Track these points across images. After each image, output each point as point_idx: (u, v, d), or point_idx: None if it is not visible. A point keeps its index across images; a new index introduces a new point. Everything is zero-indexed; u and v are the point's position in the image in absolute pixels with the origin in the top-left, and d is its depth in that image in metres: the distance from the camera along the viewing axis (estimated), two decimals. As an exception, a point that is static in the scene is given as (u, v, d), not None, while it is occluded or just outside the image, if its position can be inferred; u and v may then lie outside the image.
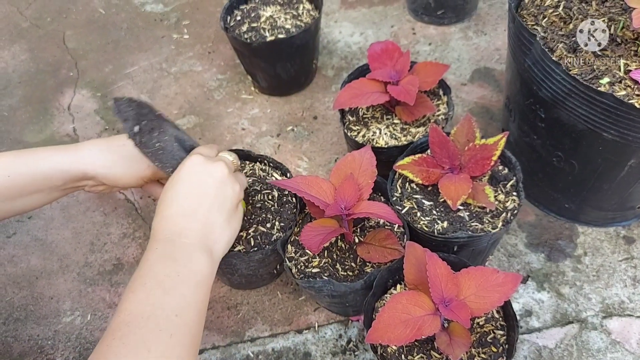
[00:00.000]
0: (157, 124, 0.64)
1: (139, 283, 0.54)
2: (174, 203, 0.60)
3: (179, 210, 0.59)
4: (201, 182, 0.61)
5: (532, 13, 0.76)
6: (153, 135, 0.63)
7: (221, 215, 0.62)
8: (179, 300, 0.54)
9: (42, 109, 1.15)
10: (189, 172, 0.62)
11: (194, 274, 0.56)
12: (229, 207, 0.63)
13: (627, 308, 0.76)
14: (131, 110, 0.62)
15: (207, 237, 0.60)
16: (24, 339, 0.82)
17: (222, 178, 0.63)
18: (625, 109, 0.61)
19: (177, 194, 0.60)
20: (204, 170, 0.62)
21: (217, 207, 0.61)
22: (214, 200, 0.61)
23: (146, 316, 0.51)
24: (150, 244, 0.58)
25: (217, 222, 0.61)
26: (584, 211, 0.82)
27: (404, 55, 0.83)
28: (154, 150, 0.63)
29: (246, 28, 1.01)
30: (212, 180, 0.62)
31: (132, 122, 0.62)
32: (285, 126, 1.05)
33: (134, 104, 0.63)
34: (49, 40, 1.30)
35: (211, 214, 0.61)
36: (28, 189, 0.67)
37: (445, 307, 0.58)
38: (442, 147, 0.71)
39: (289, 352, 0.77)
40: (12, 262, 0.91)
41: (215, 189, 0.62)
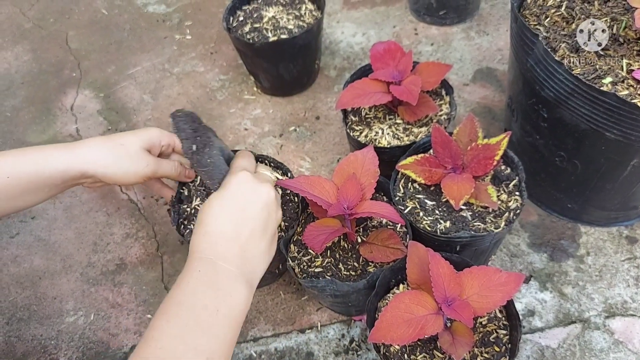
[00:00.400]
0: (207, 138, 0.63)
1: (175, 311, 0.52)
2: (218, 221, 0.58)
3: (222, 230, 0.58)
4: (248, 204, 0.60)
5: (534, 13, 0.76)
6: (205, 151, 0.62)
7: (263, 241, 0.60)
8: (213, 341, 0.52)
9: (44, 109, 1.15)
10: (236, 190, 0.60)
11: (232, 310, 0.54)
12: (271, 232, 0.62)
13: (630, 308, 0.76)
14: (188, 126, 0.61)
15: (247, 265, 0.58)
16: (27, 338, 0.82)
17: (269, 202, 0.61)
18: (627, 108, 0.61)
19: (223, 212, 0.59)
20: (252, 192, 0.60)
21: (259, 231, 0.60)
22: (258, 224, 0.60)
23: (177, 357, 0.49)
24: (191, 263, 0.56)
25: (258, 248, 0.60)
26: (587, 211, 0.82)
27: (407, 56, 0.83)
28: (208, 168, 0.62)
29: (249, 28, 1.01)
30: (259, 203, 0.60)
31: (190, 141, 0.61)
32: (288, 126, 1.05)
33: (189, 118, 0.62)
34: (52, 40, 1.31)
35: (253, 239, 0.59)
36: (28, 189, 0.66)
37: (448, 307, 0.58)
38: (444, 147, 0.71)
39: (291, 352, 0.77)
40: (16, 262, 0.91)
41: (260, 213, 0.60)
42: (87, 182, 0.72)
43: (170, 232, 0.92)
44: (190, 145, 0.60)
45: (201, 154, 0.61)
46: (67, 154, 0.67)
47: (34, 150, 0.67)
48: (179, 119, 0.60)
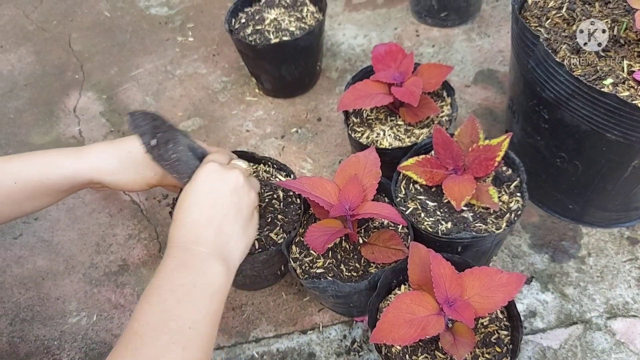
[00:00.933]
0: (171, 135, 0.64)
1: (154, 292, 0.54)
2: (190, 211, 0.60)
3: (195, 218, 0.59)
4: (216, 190, 0.61)
5: (535, 15, 0.76)
6: (168, 147, 0.63)
7: (237, 223, 0.62)
8: (193, 312, 0.54)
9: (48, 111, 1.16)
10: (205, 180, 0.62)
11: (209, 284, 0.56)
12: (245, 214, 0.63)
13: (631, 309, 0.76)
14: (146, 123, 0.62)
15: (223, 246, 0.60)
16: (30, 339, 0.83)
17: (238, 185, 0.63)
18: (628, 109, 0.62)
19: (193, 202, 0.60)
20: (219, 178, 0.62)
21: (232, 215, 0.61)
22: (230, 208, 0.61)
23: (159, 328, 0.51)
24: (167, 251, 0.58)
25: (233, 230, 0.61)
26: (588, 212, 0.82)
27: (408, 57, 0.83)
28: (171, 162, 0.64)
29: (250, 30, 1.02)
30: (228, 187, 0.62)
31: (148, 136, 0.62)
32: (290, 128, 1.06)
33: (148, 116, 0.63)
34: (55, 43, 1.31)
35: (227, 222, 0.61)
36: (34, 194, 0.67)
37: (450, 307, 0.58)
38: (446, 148, 0.71)
39: (293, 353, 0.77)
40: (19, 263, 0.92)
41: (231, 197, 0.62)
42: (94, 186, 0.72)
43: (172, 233, 0.93)
44: (149, 140, 0.62)
45: (163, 149, 0.63)
46: (74, 161, 0.67)
47: (41, 156, 0.67)
48: (136, 117, 0.62)
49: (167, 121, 0.66)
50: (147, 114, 0.63)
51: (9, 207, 0.66)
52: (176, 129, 0.66)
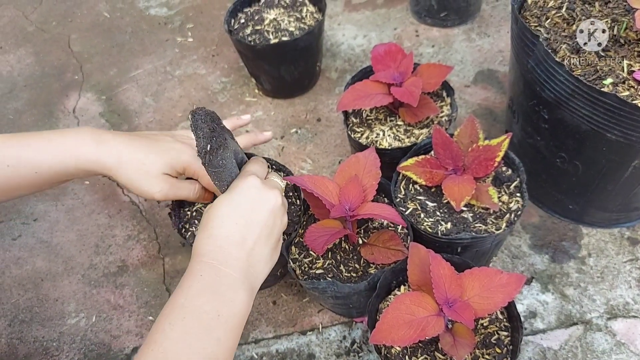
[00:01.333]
0: (223, 139, 0.61)
1: (177, 313, 0.52)
2: (224, 225, 0.57)
3: (227, 232, 0.57)
4: (255, 209, 0.59)
5: (535, 14, 0.76)
6: (219, 152, 0.60)
7: (267, 247, 0.60)
8: (214, 344, 0.52)
9: (47, 112, 1.16)
10: (245, 194, 0.59)
11: (234, 315, 0.54)
12: (276, 238, 0.61)
13: (632, 309, 0.76)
14: (206, 125, 0.59)
15: (251, 270, 0.58)
16: (29, 340, 0.82)
17: (276, 207, 0.60)
18: (628, 109, 0.61)
19: (229, 216, 0.58)
20: (259, 197, 0.60)
21: (264, 238, 0.59)
22: (264, 230, 0.59)
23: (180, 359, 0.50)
24: (194, 264, 0.56)
25: (263, 254, 0.59)
26: (588, 212, 0.82)
27: (407, 57, 0.83)
28: (218, 169, 0.61)
29: (250, 31, 1.01)
30: (266, 208, 0.60)
31: (205, 140, 0.59)
32: (289, 128, 1.05)
33: (209, 117, 0.60)
34: (54, 43, 1.31)
35: (259, 244, 0.59)
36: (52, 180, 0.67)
37: (449, 308, 0.58)
38: (445, 148, 0.71)
39: (293, 354, 0.77)
40: (18, 264, 0.92)
41: (267, 218, 0.59)
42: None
43: (171, 234, 0.93)
44: (206, 144, 0.59)
45: (214, 155, 0.60)
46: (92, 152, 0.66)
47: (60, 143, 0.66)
48: (198, 117, 0.59)
49: (221, 122, 0.63)
50: (208, 114, 0.60)
51: (26, 190, 0.68)
52: (226, 130, 0.64)
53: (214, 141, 0.59)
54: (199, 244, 0.57)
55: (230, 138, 0.64)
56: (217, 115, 0.62)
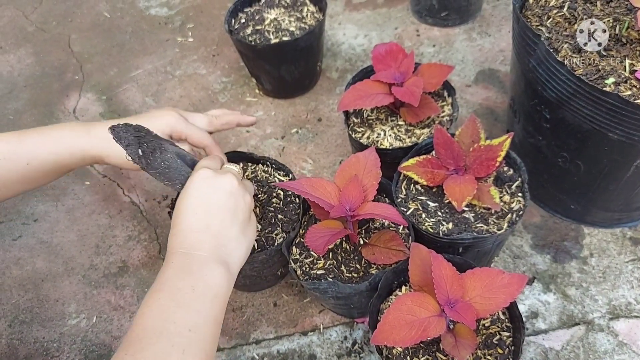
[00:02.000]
0: (157, 143, 0.64)
1: (154, 297, 0.54)
2: (186, 218, 0.60)
3: (191, 224, 0.59)
4: (211, 196, 0.61)
5: (536, 14, 0.76)
6: (156, 155, 0.63)
7: (234, 227, 0.62)
8: (193, 315, 0.53)
9: (47, 112, 1.16)
10: (198, 186, 0.62)
11: (209, 287, 0.56)
12: (242, 217, 0.63)
13: (634, 309, 0.76)
14: (130, 135, 0.62)
15: (221, 249, 0.60)
16: (29, 341, 0.82)
17: (232, 190, 0.62)
18: (630, 108, 0.61)
19: (188, 208, 0.60)
20: (212, 184, 0.62)
21: (229, 219, 0.61)
22: (226, 212, 0.61)
23: (158, 331, 0.51)
24: (167, 259, 0.58)
25: (231, 233, 0.61)
26: (590, 212, 0.82)
27: (408, 57, 0.83)
28: (161, 169, 0.63)
29: (250, 31, 1.01)
30: (222, 192, 0.62)
31: (134, 147, 0.61)
32: (290, 128, 1.05)
33: (130, 127, 0.62)
34: (55, 43, 1.31)
35: (224, 226, 0.61)
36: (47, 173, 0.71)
37: (451, 309, 0.57)
38: (446, 148, 0.71)
39: (294, 354, 0.77)
40: (18, 265, 0.91)
41: (226, 201, 0.62)
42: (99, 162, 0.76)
43: (172, 234, 0.92)
44: (136, 150, 0.61)
45: (151, 158, 0.62)
46: (85, 141, 0.70)
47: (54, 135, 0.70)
48: (118, 129, 0.61)
49: (151, 132, 0.65)
50: (129, 125, 0.62)
51: (22, 185, 0.71)
52: (162, 138, 0.66)
53: (145, 146, 0.61)
54: (169, 243, 0.60)
55: (168, 143, 0.66)
56: (145, 127, 0.64)
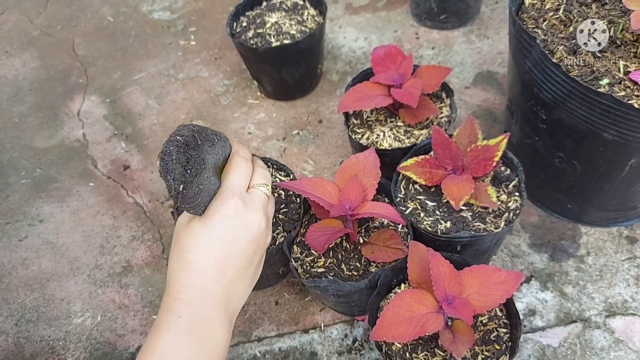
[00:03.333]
0: (200, 163, 0.53)
1: None
2: (201, 258, 0.53)
3: (205, 268, 0.53)
4: (235, 240, 0.54)
5: (532, 16, 0.77)
6: (194, 182, 0.52)
7: (246, 277, 0.56)
8: None
9: (52, 115, 1.17)
10: (225, 225, 0.54)
11: (213, 355, 0.52)
12: (256, 263, 0.58)
13: (630, 307, 0.77)
14: (179, 165, 0.51)
15: (229, 305, 0.55)
16: (35, 339, 0.84)
17: (258, 234, 0.56)
18: (624, 109, 0.62)
19: (207, 248, 0.53)
20: (240, 226, 0.54)
21: (244, 268, 0.55)
22: (244, 259, 0.55)
23: None
24: (170, 303, 0.52)
25: (242, 285, 0.56)
26: (587, 211, 0.83)
27: (407, 59, 0.84)
28: (193, 200, 0.53)
29: (252, 34, 1.03)
30: (246, 238, 0.55)
31: (177, 182, 0.51)
32: (291, 130, 1.07)
33: (182, 149, 0.52)
34: (59, 47, 1.33)
35: (238, 277, 0.55)
36: None
37: (449, 305, 0.59)
38: (444, 148, 0.72)
39: (295, 352, 0.78)
40: (24, 265, 0.93)
41: (247, 248, 0.55)
42: None
43: (175, 234, 0.94)
44: (178, 185, 0.51)
45: (188, 189, 0.52)
46: None
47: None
48: (168, 158, 0.51)
49: (197, 140, 0.54)
50: (181, 146, 0.52)
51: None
52: (207, 139, 0.55)
53: (188, 174, 0.52)
54: (174, 275, 0.53)
55: (209, 146, 0.56)
56: (194, 132, 0.54)
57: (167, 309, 0.52)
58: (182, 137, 0.52)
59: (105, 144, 1.10)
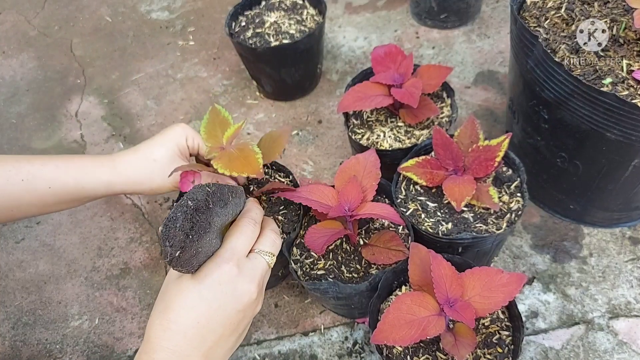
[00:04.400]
0: (206, 225, 0.51)
1: None
2: (184, 320, 0.51)
3: (186, 331, 0.51)
4: (221, 308, 0.52)
5: (534, 15, 0.77)
6: (193, 246, 0.50)
7: (227, 344, 0.54)
8: None
9: (49, 116, 1.16)
10: (215, 292, 0.52)
11: None
12: (241, 331, 0.56)
13: (633, 309, 0.76)
14: (181, 232, 0.49)
15: None
16: (32, 343, 0.83)
17: (247, 305, 0.54)
18: (628, 108, 0.61)
19: (192, 310, 0.51)
20: (230, 295, 0.52)
21: (227, 335, 0.53)
22: (227, 328, 0.53)
23: None
24: (147, 355, 0.51)
25: (222, 351, 0.54)
26: (589, 212, 0.82)
27: (407, 58, 0.83)
28: (187, 266, 0.51)
29: (251, 34, 1.02)
30: (234, 308, 0.53)
31: (174, 249, 0.49)
32: (290, 130, 1.06)
33: (189, 215, 0.50)
34: (57, 48, 1.32)
35: (218, 344, 0.53)
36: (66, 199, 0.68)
37: (450, 308, 0.58)
38: (445, 148, 0.71)
39: (295, 355, 0.77)
40: (21, 267, 0.92)
41: (233, 317, 0.53)
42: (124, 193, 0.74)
43: (174, 236, 0.93)
44: (174, 252, 0.49)
45: (186, 252, 0.50)
46: (109, 172, 0.68)
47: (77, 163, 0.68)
48: (171, 225, 0.49)
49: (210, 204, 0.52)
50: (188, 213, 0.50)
51: (38, 209, 0.68)
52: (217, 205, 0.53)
53: (189, 240, 0.50)
54: (153, 332, 0.52)
55: (221, 207, 0.54)
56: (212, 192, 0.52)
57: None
58: (193, 202, 0.50)
59: (103, 144, 1.09)
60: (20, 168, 0.66)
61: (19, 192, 0.66)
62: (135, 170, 0.69)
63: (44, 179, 0.66)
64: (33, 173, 0.66)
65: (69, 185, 0.67)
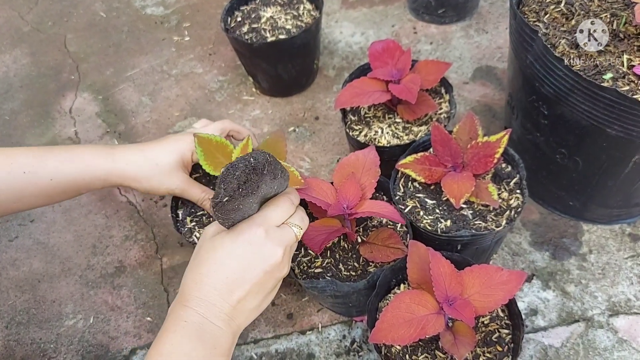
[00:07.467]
0: (255, 187, 0.54)
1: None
2: (215, 274, 0.55)
3: (216, 285, 0.55)
4: (250, 266, 0.56)
5: (533, 9, 0.76)
6: (239, 200, 0.54)
7: (254, 301, 0.58)
8: None
9: (43, 112, 1.15)
10: (244, 249, 0.56)
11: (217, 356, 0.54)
12: (266, 291, 0.59)
13: (633, 306, 0.76)
14: (236, 181, 0.52)
15: (234, 321, 0.56)
16: (26, 342, 0.82)
17: (273, 266, 0.57)
18: (629, 104, 0.61)
19: (222, 265, 0.55)
20: (258, 252, 0.56)
21: (254, 293, 0.57)
22: (254, 287, 0.56)
23: None
24: (178, 310, 0.55)
25: (248, 307, 0.57)
26: (589, 209, 0.82)
27: (405, 54, 0.82)
28: (227, 217, 0.55)
29: (247, 29, 1.01)
30: (262, 266, 0.56)
31: (225, 193, 0.52)
32: (287, 127, 1.05)
33: (247, 170, 0.53)
34: (50, 44, 1.30)
35: (246, 300, 0.56)
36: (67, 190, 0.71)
37: (449, 306, 0.57)
38: (444, 145, 0.71)
39: (292, 353, 0.77)
40: (15, 266, 0.91)
41: (260, 277, 0.56)
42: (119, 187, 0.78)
43: (169, 233, 0.92)
44: (224, 196, 0.52)
45: (231, 203, 0.53)
46: (108, 164, 0.71)
47: (78, 155, 0.71)
48: (231, 171, 0.52)
49: (265, 170, 0.54)
50: (248, 167, 0.53)
51: (40, 200, 0.71)
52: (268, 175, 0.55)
53: (238, 192, 0.53)
54: (186, 285, 0.56)
55: (270, 179, 0.56)
56: (270, 161, 0.55)
57: (175, 315, 0.55)
58: (254, 161, 0.53)
59: (98, 141, 1.08)
60: (22, 160, 0.68)
61: (21, 185, 0.68)
62: (135, 169, 0.72)
63: (46, 171, 0.68)
64: (35, 165, 0.68)
65: (69, 177, 0.69)
